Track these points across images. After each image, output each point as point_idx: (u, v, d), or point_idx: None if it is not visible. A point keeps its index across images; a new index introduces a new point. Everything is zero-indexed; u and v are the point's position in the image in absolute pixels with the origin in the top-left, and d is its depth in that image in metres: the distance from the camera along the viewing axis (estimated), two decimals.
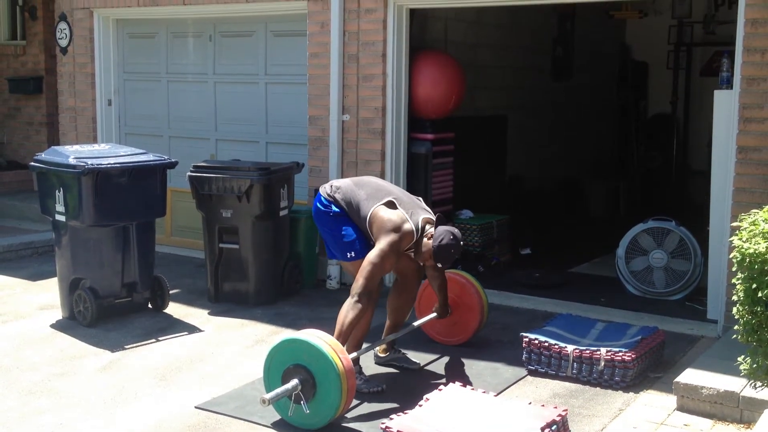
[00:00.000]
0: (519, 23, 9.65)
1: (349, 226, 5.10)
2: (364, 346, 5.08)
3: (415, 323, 5.57)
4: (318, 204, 5.24)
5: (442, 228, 4.90)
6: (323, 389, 4.37)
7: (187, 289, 7.31)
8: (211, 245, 6.94)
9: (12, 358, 5.63)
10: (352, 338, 4.96)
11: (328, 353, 4.36)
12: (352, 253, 5.07)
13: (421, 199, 5.31)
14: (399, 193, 5.21)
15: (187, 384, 5.19)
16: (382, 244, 4.84)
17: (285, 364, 4.47)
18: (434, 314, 5.57)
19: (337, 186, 5.22)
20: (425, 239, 4.94)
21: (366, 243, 5.05)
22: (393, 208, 4.99)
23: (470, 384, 4.94)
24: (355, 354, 4.87)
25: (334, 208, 5.14)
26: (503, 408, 4.24)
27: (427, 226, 4.98)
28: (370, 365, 5.41)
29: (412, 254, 5.06)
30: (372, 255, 4.84)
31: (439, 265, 5.03)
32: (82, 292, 6.26)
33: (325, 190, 5.25)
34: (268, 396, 4.34)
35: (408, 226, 4.91)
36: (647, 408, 4.72)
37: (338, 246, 5.15)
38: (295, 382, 4.38)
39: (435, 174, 7.71)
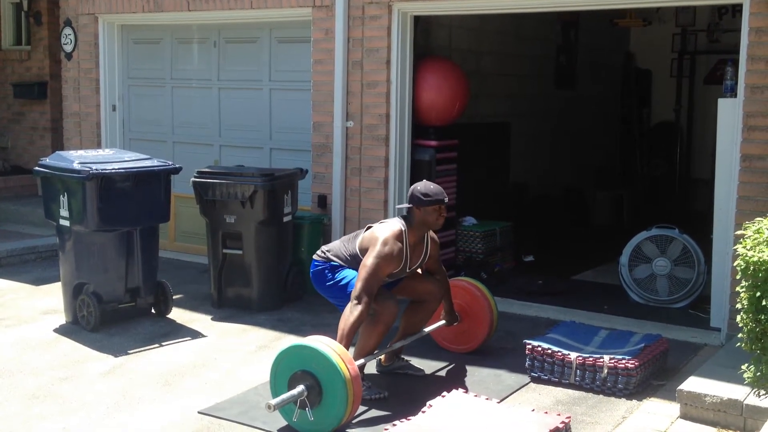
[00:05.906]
0: (523, 31, 9.67)
1: (346, 270, 5.12)
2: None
3: (424, 330, 5.55)
4: (313, 269, 5.25)
5: None
6: (329, 396, 4.37)
7: (190, 295, 7.31)
8: (215, 251, 6.95)
9: (15, 362, 5.64)
10: (363, 348, 4.96)
11: (335, 360, 4.35)
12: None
13: None
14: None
15: (191, 389, 5.19)
16: (373, 248, 4.89)
17: (291, 370, 4.47)
18: (443, 322, 5.57)
19: (327, 248, 5.28)
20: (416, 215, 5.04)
21: None
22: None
23: (473, 391, 4.93)
24: (362, 361, 4.86)
25: (330, 263, 5.18)
26: (506, 415, 4.24)
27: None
28: (372, 371, 5.40)
29: (424, 242, 5.14)
30: (365, 259, 4.88)
31: (440, 210, 5.04)
32: (86, 297, 6.27)
33: (317, 254, 5.29)
34: (274, 402, 4.34)
35: (391, 226, 5.02)
36: (650, 416, 4.72)
37: (343, 290, 5.07)
38: (301, 388, 4.38)
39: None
